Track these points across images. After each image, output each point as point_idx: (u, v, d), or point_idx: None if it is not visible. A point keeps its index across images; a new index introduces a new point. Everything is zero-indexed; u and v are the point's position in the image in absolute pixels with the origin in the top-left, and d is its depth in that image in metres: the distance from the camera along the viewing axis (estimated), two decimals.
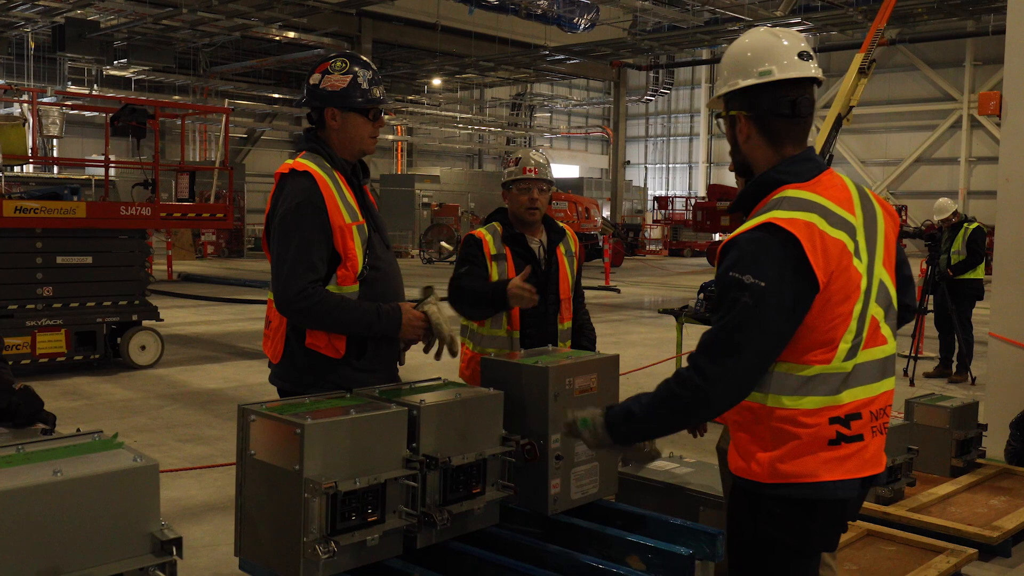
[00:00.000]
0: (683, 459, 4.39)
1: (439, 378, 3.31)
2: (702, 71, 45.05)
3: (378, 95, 3.22)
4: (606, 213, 35.84)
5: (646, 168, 49.92)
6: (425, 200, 34.48)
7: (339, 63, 3.21)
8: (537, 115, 47.62)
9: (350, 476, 2.64)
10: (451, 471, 2.92)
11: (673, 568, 2.98)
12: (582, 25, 27.72)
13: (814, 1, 26.08)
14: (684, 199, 39.96)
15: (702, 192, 42.39)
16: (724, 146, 45.14)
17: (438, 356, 3.25)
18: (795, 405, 2.28)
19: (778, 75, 2.34)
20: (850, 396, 2.33)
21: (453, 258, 29.58)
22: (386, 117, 3.43)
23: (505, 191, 4.13)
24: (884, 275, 2.42)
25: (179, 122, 22.29)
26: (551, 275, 4.08)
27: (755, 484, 2.35)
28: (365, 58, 3.30)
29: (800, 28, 27.88)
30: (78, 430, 2.49)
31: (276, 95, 34.66)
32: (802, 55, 2.37)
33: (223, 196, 12.19)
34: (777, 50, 2.37)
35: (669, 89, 44.10)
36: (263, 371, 11.68)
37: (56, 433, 2.39)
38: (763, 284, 2.20)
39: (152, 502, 1.94)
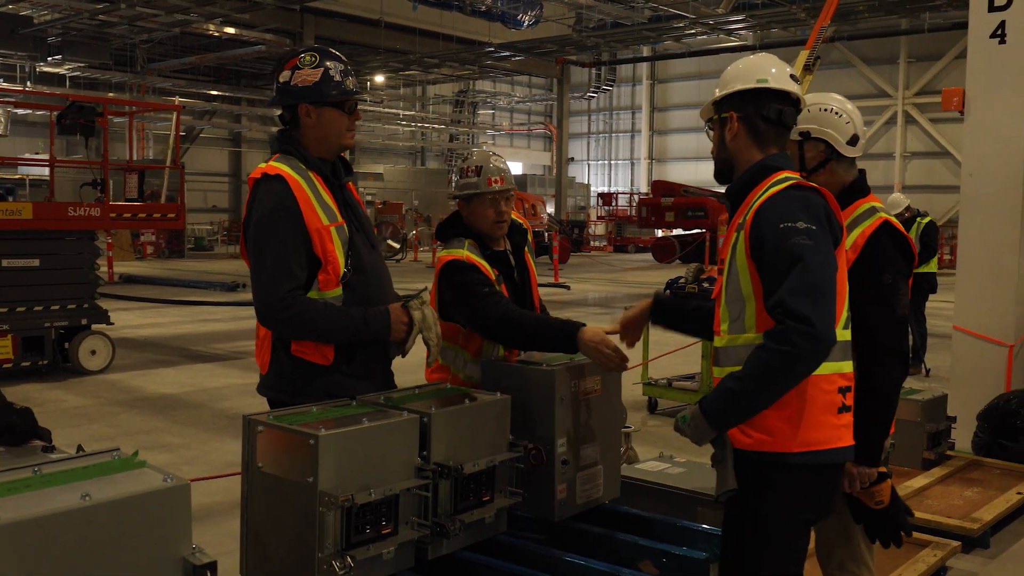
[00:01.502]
0: (674, 459, 4.36)
1: (444, 384, 3.22)
2: (643, 68, 45.31)
3: (352, 87, 3.09)
4: (551, 210, 35.90)
5: (588, 165, 50.07)
6: (369, 198, 34.14)
7: (308, 57, 3.06)
8: (480, 112, 47.48)
9: (363, 487, 2.55)
10: (462, 479, 2.84)
11: (688, 572, 2.94)
12: (526, 22, 27.69)
13: None
14: (627, 195, 40.18)
15: (644, 188, 42.65)
16: (666, 142, 44.95)
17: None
18: (817, 370, 2.47)
19: (771, 84, 2.67)
20: (848, 367, 2.59)
21: (399, 256, 29.37)
22: None
23: (463, 203, 3.51)
24: None
25: (121, 119, 21.80)
26: (526, 284, 3.64)
27: (780, 455, 2.48)
28: (335, 51, 3.16)
29: (742, 25, 28.21)
30: (79, 447, 2.35)
31: (215, 92, 34.00)
32: (792, 77, 2.71)
33: (172, 195, 11.90)
34: (773, 68, 2.71)
35: (611, 86, 44.26)
36: (218, 375, 11.32)
37: (61, 451, 2.25)
38: (814, 227, 2.45)
39: (184, 525, 1.84)
